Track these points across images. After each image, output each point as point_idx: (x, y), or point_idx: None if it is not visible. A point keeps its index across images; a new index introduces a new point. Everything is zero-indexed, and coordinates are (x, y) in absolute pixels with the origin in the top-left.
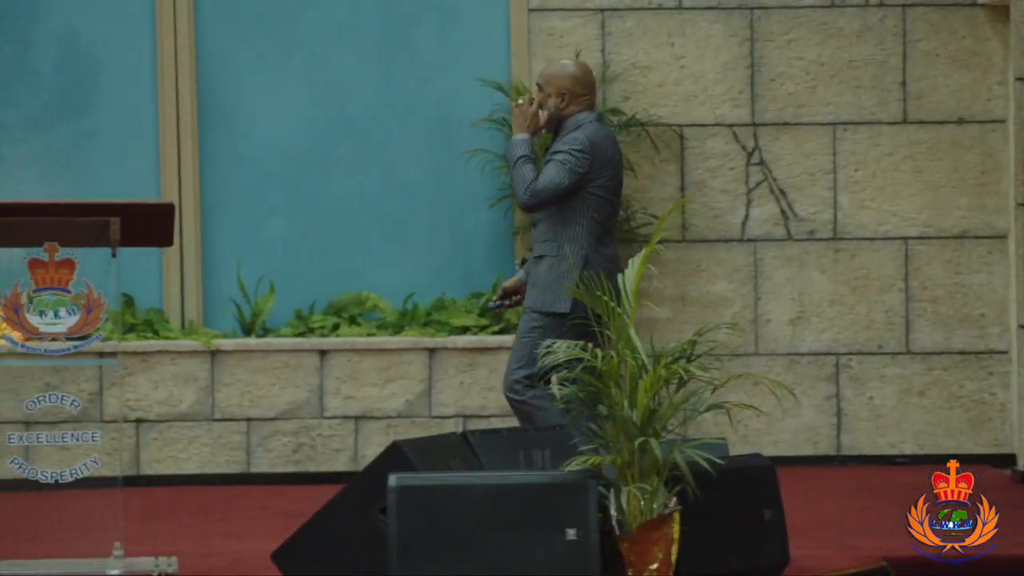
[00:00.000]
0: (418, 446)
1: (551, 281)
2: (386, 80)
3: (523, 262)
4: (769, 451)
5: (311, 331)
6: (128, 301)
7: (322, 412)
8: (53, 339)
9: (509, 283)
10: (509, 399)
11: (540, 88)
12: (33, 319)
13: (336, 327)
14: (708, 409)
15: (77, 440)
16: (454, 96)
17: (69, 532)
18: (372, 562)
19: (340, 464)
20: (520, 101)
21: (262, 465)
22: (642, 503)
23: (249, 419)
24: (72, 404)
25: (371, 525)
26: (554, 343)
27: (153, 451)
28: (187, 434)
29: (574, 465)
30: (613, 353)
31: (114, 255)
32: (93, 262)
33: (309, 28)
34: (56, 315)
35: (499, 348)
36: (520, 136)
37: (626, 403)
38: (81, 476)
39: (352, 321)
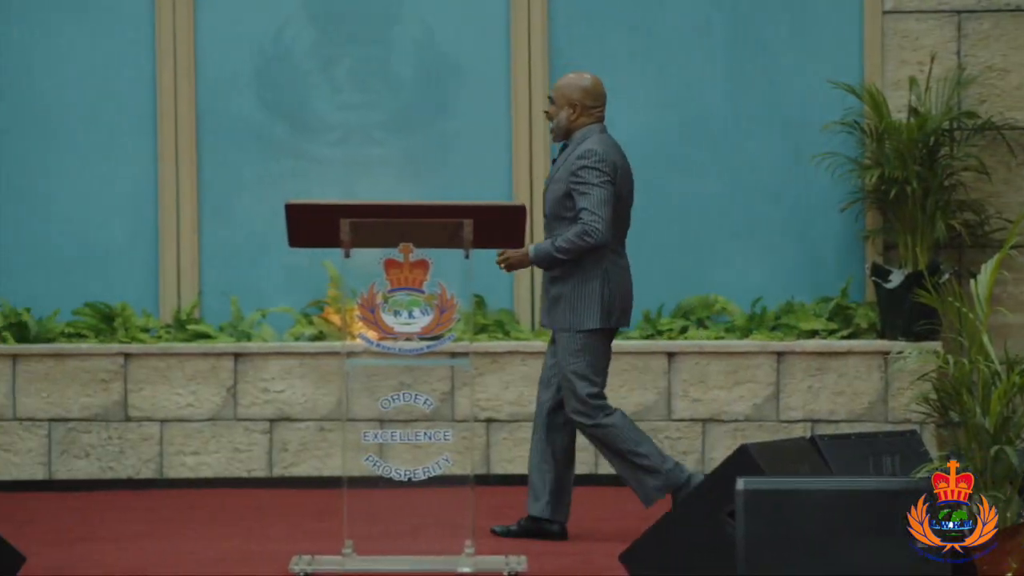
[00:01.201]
0: (766, 450)
1: (576, 299)
2: (737, 81)
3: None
4: None
5: (659, 334)
6: (479, 302)
7: (669, 415)
8: (407, 339)
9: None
10: (579, 424)
11: (551, 100)
12: (388, 319)
13: (684, 330)
14: None
15: (429, 439)
16: (805, 98)
17: (421, 529)
18: (719, 565)
19: (688, 467)
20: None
21: (610, 466)
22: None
23: None
24: (425, 403)
25: (718, 528)
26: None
27: (503, 450)
28: None
29: (925, 472)
30: (965, 360)
31: (467, 256)
32: (446, 263)
33: (661, 29)
34: (410, 315)
35: (848, 353)
36: (529, 246)
37: (978, 410)
38: (433, 474)
39: (700, 324)
